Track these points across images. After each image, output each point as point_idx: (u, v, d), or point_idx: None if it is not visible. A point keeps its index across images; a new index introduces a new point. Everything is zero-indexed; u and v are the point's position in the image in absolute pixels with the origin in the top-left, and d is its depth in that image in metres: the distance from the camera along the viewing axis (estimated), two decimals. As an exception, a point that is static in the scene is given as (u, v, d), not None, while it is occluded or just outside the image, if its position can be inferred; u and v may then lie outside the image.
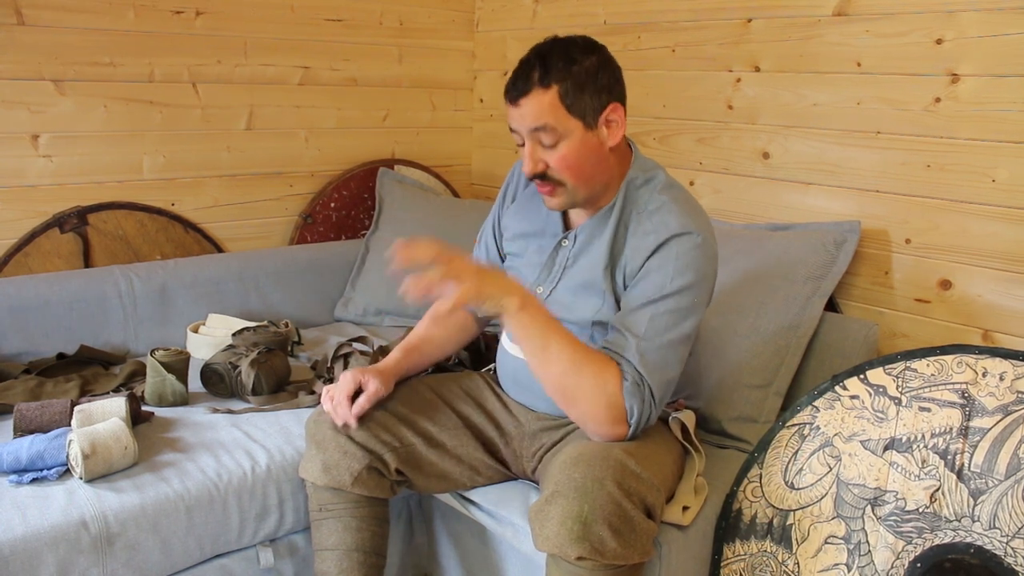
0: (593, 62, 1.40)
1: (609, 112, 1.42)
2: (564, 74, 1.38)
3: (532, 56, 1.42)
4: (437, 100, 2.90)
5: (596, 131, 1.42)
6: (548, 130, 1.40)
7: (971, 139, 1.80)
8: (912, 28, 1.86)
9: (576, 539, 1.26)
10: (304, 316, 2.46)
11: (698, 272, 1.41)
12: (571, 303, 1.52)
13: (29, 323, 2.04)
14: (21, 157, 2.14)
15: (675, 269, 1.40)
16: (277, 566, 1.69)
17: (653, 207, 1.46)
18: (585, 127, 1.41)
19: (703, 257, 1.42)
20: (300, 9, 2.51)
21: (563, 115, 1.39)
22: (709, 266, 1.44)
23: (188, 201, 2.43)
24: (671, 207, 1.44)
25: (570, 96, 1.39)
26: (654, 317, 1.39)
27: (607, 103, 1.41)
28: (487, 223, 1.75)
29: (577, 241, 1.53)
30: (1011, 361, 1.44)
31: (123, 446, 1.55)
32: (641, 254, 1.43)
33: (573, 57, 1.39)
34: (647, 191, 1.48)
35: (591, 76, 1.40)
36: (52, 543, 1.40)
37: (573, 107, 1.39)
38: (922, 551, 1.42)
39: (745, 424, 1.81)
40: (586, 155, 1.43)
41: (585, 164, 1.43)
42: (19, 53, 2.09)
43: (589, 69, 1.40)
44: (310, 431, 1.58)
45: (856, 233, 1.94)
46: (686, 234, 1.41)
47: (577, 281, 1.51)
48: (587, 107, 1.40)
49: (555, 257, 1.56)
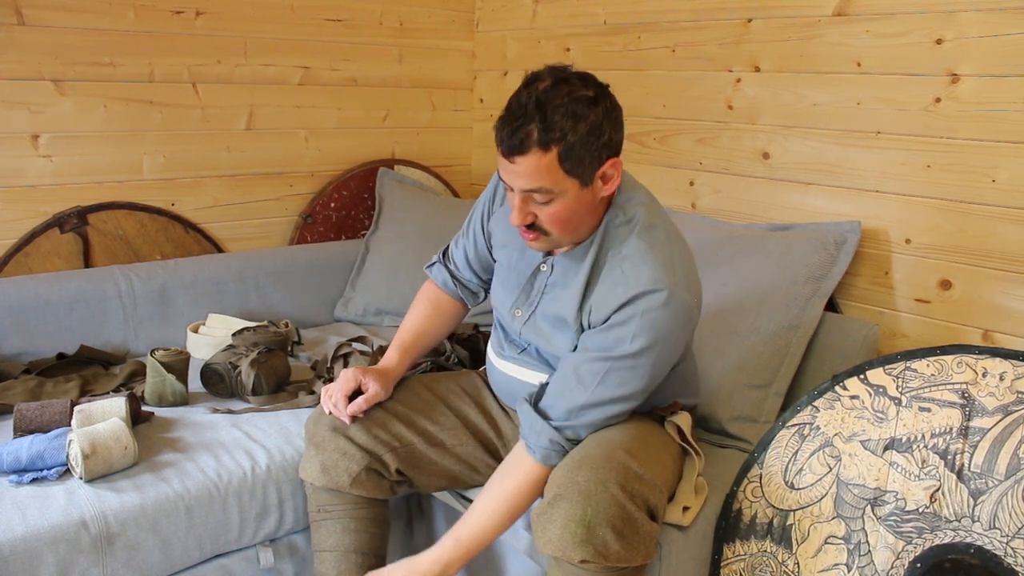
0: (598, 115, 1.30)
1: (607, 167, 1.35)
2: (566, 134, 1.28)
3: (530, 104, 1.28)
4: (437, 100, 2.90)
5: (591, 187, 1.35)
6: (543, 191, 1.32)
7: (971, 139, 1.80)
8: (912, 28, 1.85)
9: (579, 542, 1.26)
10: (304, 316, 2.46)
11: (660, 332, 1.35)
12: (549, 334, 1.49)
13: (29, 323, 2.04)
14: (21, 157, 2.14)
15: (638, 328, 1.34)
16: (277, 566, 1.69)
17: (626, 252, 1.38)
18: (581, 185, 1.33)
19: (670, 316, 1.34)
20: (300, 9, 2.51)
21: (560, 177, 1.31)
22: (676, 324, 1.37)
23: (188, 201, 2.43)
24: (644, 258, 1.36)
25: (570, 160, 1.30)
26: (605, 374, 1.37)
27: (606, 159, 1.34)
28: (474, 220, 1.69)
29: (554, 271, 1.48)
30: (1011, 361, 1.44)
31: (123, 446, 1.55)
32: (608, 306, 1.37)
33: (577, 112, 1.28)
34: (625, 231, 1.40)
35: (594, 134, 1.30)
36: (52, 543, 1.40)
37: (572, 170, 1.31)
38: (922, 551, 1.42)
39: (745, 424, 1.81)
40: (578, 210, 1.36)
41: (575, 218, 1.37)
42: (19, 53, 2.09)
43: (593, 126, 1.29)
44: (309, 432, 1.58)
45: (856, 233, 1.94)
46: (655, 291, 1.33)
47: (552, 313, 1.47)
48: (586, 168, 1.32)
49: (533, 281, 1.51)
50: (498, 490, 1.42)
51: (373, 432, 1.55)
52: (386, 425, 1.57)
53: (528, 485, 1.41)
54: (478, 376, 1.75)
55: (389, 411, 1.58)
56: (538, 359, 1.54)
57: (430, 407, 1.63)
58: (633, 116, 2.46)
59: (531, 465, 1.41)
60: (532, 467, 1.41)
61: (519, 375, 1.57)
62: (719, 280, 1.95)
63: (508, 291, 1.56)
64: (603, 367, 1.37)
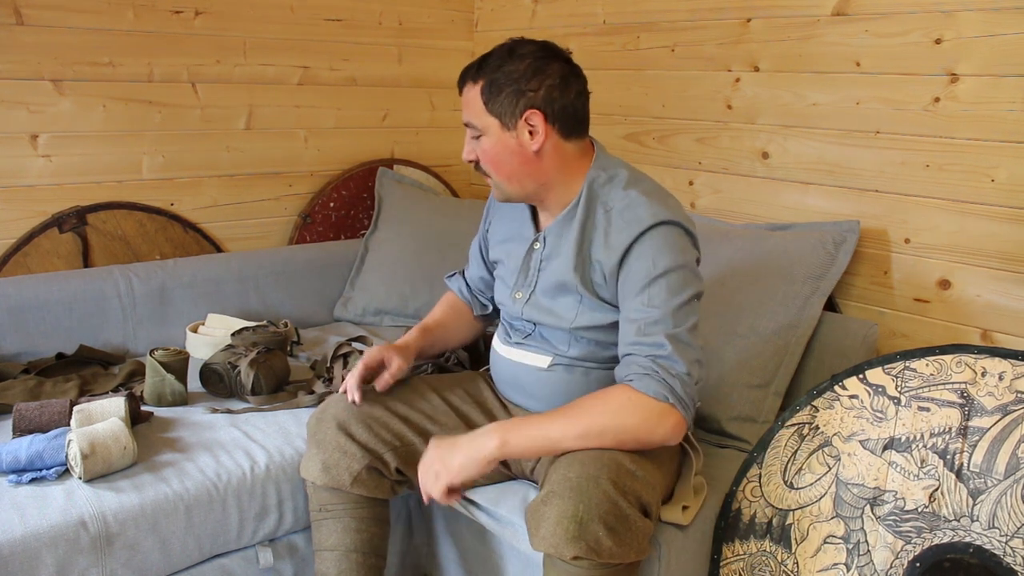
0: (525, 65, 1.42)
1: (529, 117, 1.43)
2: (491, 73, 1.44)
3: (488, 51, 1.48)
4: (436, 100, 2.90)
5: (515, 133, 1.45)
6: (472, 126, 1.48)
7: (970, 139, 1.80)
8: (911, 28, 1.86)
9: (572, 539, 1.26)
10: (303, 316, 2.46)
11: (680, 253, 1.41)
12: (550, 307, 1.52)
13: (28, 323, 2.04)
14: (20, 157, 2.14)
15: (654, 255, 1.40)
16: (276, 566, 1.69)
17: (622, 205, 1.45)
18: (502, 126, 1.45)
19: (681, 240, 1.42)
20: (300, 9, 2.51)
21: (482, 111, 1.46)
22: (687, 243, 1.44)
23: (187, 201, 2.43)
24: (640, 200, 1.43)
25: (489, 95, 1.44)
26: (650, 297, 1.39)
27: (525, 108, 1.43)
28: (481, 226, 1.77)
29: (547, 243, 1.53)
30: (1010, 361, 1.44)
31: (122, 446, 1.55)
32: (617, 251, 1.43)
33: (506, 59, 1.43)
34: (611, 189, 1.48)
35: (512, 79, 1.42)
36: (51, 543, 1.40)
37: (490, 105, 1.44)
38: (921, 551, 1.42)
39: (744, 424, 1.81)
40: (504, 154, 1.47)
41: (504, 163, 1.48)
42: (18, 53, 2.09)
43: (515, 72, 1.42)
44: (311, 430, 1.58)
45: (855, 233, 1.94)
46: (660, 224, 1.40)
47: (551, 283, 1.51)
48: (504, 109, 1.44)
49: (529, 261, 1.56)
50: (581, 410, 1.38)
51: (375, 431, 1.55)
52: (387, 424, 1.57)
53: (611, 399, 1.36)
54: (480, 377, 1.75)
55: (391, 410, 1.59)
56: (542, 341, 1.56)
57: (432, 407, 1.63)
58: (632, 116, 2.46)
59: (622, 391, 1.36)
60: (623, 391, 1.36)
61: (524, 359, 1.58)
62: (718, 280, 1.95)
63: (508, 279, 1.61)
64: (642, 298, 1.39)
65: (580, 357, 1.53)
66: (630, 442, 1.36)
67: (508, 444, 1.37)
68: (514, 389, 1.63)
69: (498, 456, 1.38)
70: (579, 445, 1.37)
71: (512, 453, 1.39)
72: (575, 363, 1.53)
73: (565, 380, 1.54)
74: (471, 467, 1.38)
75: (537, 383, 1.57)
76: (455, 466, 1.38)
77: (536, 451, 1.42)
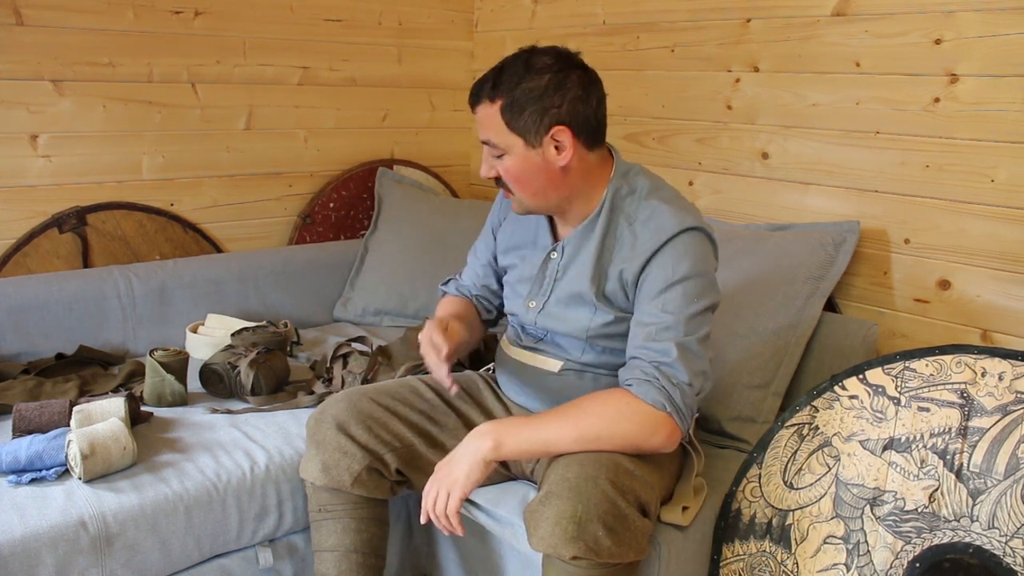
0: (545, 80, 1.38)
1: (556, 134, 1.40)
2: (510, 90, 1.39)
3: (498, 64, 1.43)
4: (436, 100, 2.90)
5: (540, 150, 1.41)
6: (492, 144, 1.44)
7: (970, 139, 1.80)
8: (911, 28, 1.86)
9: (570, 539, 1.26)
10: (303, 316, 2.46)
11: (701, 261, 1.41)
12: (563, 315, 1.51)
13: (28, 323, 2.03)
14: (20, 157, 2.14)
15: (675, 261, 1.40)
16: (276, 566, 1.69)
17: (646, 215, 1.44)
18: (526, 145, 1.41)
19: (702, 247, 1.42)
20: (299, 9, 2.51)
21: (503, 131, 1.41)
22: (707, 250, 1.44)
23: (187, 201, 2.43)
24: (662, 208, 1.43)
25: (511, 114, 1.40)
26: (665, 303, 1.39)
27: (551, 125, 1.39)
28: (486, 226, 1.75)
29: (565, 253, 1.52)
30: (1010, 361, 1.44)
31: (122, 446, 1.55)
32: (640, 258, 1.42)
33: (525, 74, 1.39)
34: (634, 201, 1.47)
35: (535, 96, 1.38)
36: (51, 543, 1.40)
37: (513, 125, 1.40)
38: (921, 551, 1.42)
39: (744, 424, 1.81)
40: (530, 172, 1.43)
41: (530, 181, 1.44)
42: (18, 53, 2.09)
43: (536, 88, 1.38)
44: (311, 431, 1.58)
45: (855, 233, 1.94)
46: (685, 231, 1.40)
47: (567, 293, 1.50)
48: (528, 127, 1.40)
49: (545, 270, 1.55)
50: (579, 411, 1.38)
51: (374, 431, 1.55)
52: (387, 425, 1.57)
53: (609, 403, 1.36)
54: (480, 377, 1.75)
55: (390, 411, 1.58)
56: (555, 347, 1.56)
57: (431, 408, 1.63)
58: (632, 116, 2.46)
59: (622, 395, 1.37)
60: (622, 395, 1.37)
61: (535, 362, 1.58)
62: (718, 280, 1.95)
63: (520, 288, 1.60)
64: (657, 303, 1.39)
65: (592, 364, 1.53)
66: (624, 448, 1.37)
67: (503, 447, 1.38)
68: (520, 390, 1.63)
69: (493, 458, 1.38)
70: (574, 449, 1.37)
71: (507, 456, 1.39)
72: (586, 368, 1.53)
73: (575, 384, 1.54)
74: (476, 471, 1.38)
75: (545, 386, 1.57)
76: (462, 476, 1.38)
77: (531, 454, 1.43)
